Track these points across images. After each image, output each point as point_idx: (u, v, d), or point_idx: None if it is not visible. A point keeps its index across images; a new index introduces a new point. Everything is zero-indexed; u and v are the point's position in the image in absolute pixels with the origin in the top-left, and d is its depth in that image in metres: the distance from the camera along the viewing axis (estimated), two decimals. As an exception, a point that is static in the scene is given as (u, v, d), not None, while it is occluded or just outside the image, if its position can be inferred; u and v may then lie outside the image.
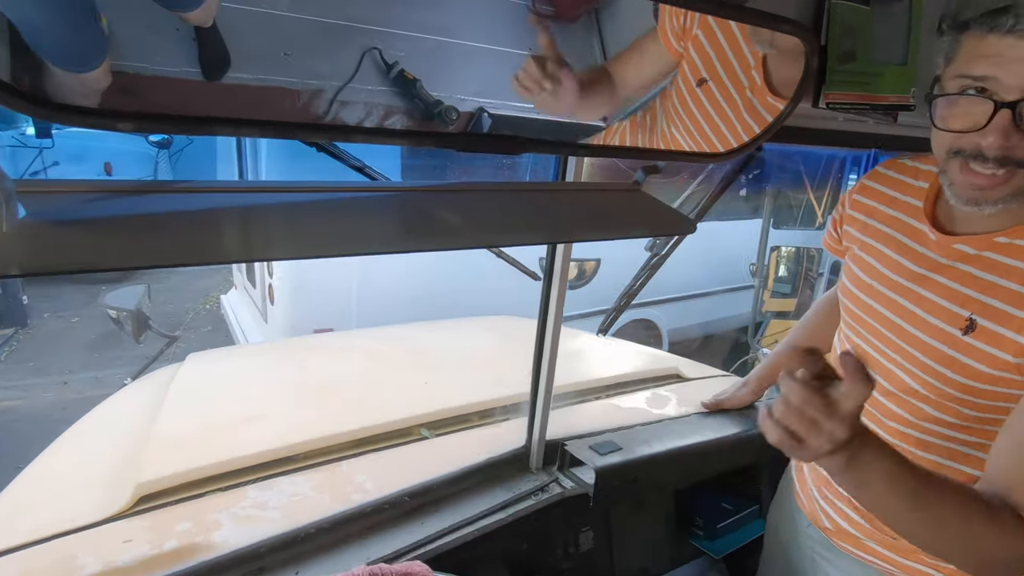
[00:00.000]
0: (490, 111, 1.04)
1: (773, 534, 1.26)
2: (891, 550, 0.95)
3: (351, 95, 0.98)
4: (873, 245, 0.98)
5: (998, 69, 0.68)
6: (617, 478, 1.16)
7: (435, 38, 1.01)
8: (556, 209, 0.89)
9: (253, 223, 0.66)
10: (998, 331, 0.78)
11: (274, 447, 1.30)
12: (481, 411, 1.51)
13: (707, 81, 0.83)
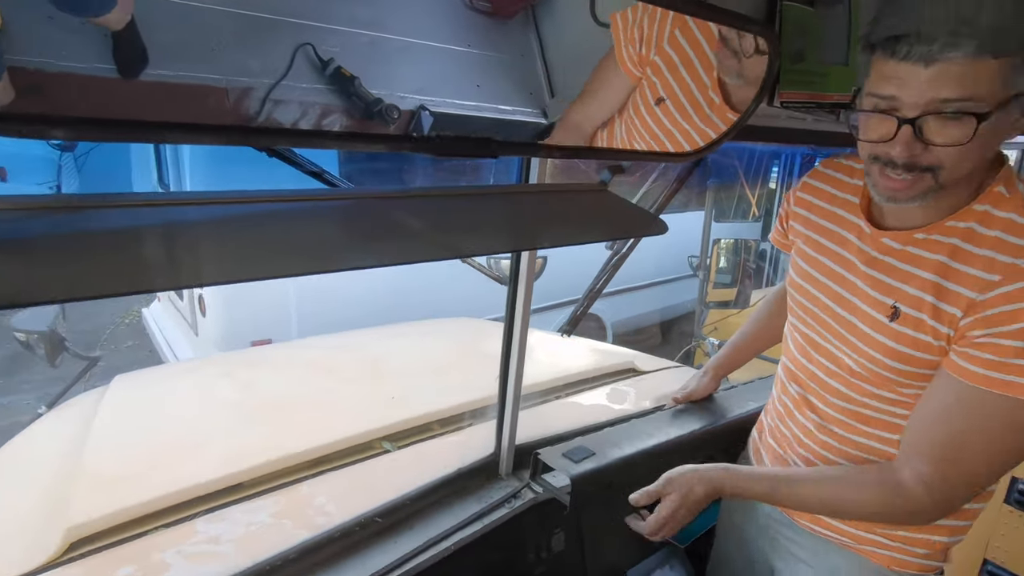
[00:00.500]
0: (431, 108, 1.01)
1: (728, 514, 1.31)
2: (842, 521, 1.02)
3: (285, 93, 0.92)
4: (816, 239, 1.04)
5: (899, 90, 0.75)
6: (592, 485, 1.15)
7: (369, 33, 0.96)
8: (523, 213, 0.87)
9: (182, 243, 0.56)
10: (918, 316, 0.86)
11: (221, 474, 1.21)
12: (444, 419, 1.46)
13: (664, 100, 0.86)
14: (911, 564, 0.99)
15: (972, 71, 0.70)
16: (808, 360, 1.04)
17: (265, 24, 0.89)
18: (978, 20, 0.68)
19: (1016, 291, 0.78)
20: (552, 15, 1.04)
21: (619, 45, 0.91)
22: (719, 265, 2.84)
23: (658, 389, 1.66)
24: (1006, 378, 0.78)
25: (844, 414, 0.98)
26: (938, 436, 0.85)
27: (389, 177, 3.33)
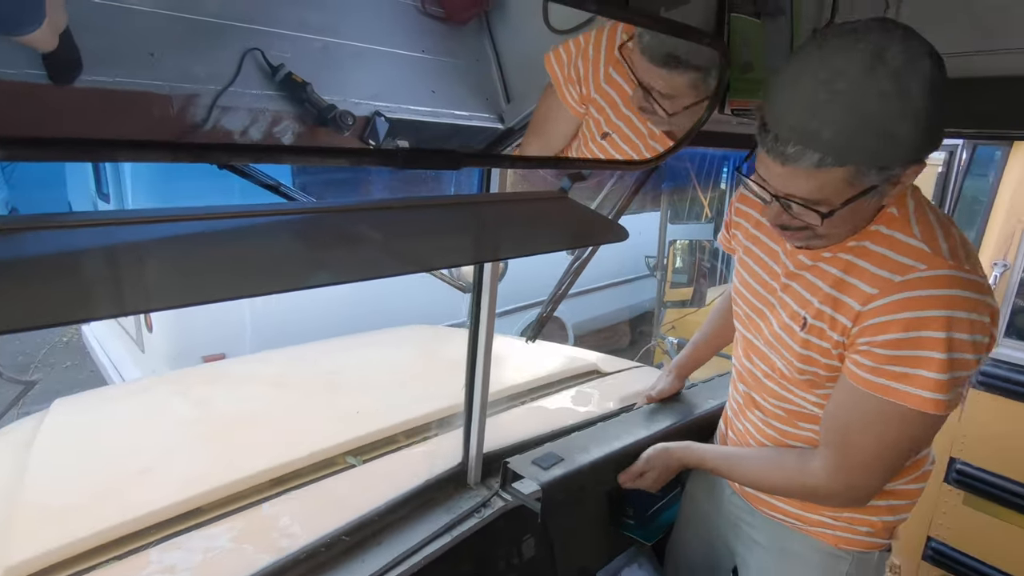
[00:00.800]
0: (387, 114, 1.00)
1: (690, 501, 1.38)
2: (795, 506, 1.10)
3: (233, 100, 0.89)
4: (752, 250, 1.11)
5: (766, 174, 0.81)
6: (563, 491, 1.16)
7: (321, 38, 0.95)
8: (486, 223, 0.87)
9: (126, 266, 0.53)
10: (820, 326, 0.93)
11: (176, 499, 1.15)
12: (409, 430, 1.45)
13: (609, 134, 0.89)
14: (856, 542, 1.07)
15: (817, 178, 0.75)
16: (750, 362, 1.12)
17: (209, 28, 0.86)
18: (820, 135, 0.72)
19: (888, 304, 0.84)
20: (506, 21, 1.04)
21: (559, 85, 0.95)
22: (675, 265, 2.92)
23: (622, 390, 1.69)
24: (881, 382, 0.85)
25: (782, 411, 1.06)
26: (835, 428, 0.95)
27: (345, 187, 3.26)
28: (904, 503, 1.06)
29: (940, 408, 0.83)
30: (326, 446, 1.35)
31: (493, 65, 1.06)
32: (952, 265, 0.82)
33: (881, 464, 0.93)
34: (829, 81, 0.71)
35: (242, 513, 1.14)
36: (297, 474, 1.27)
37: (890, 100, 0.70)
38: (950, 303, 0.80)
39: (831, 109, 0.71)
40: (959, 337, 0.80)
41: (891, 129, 0.72)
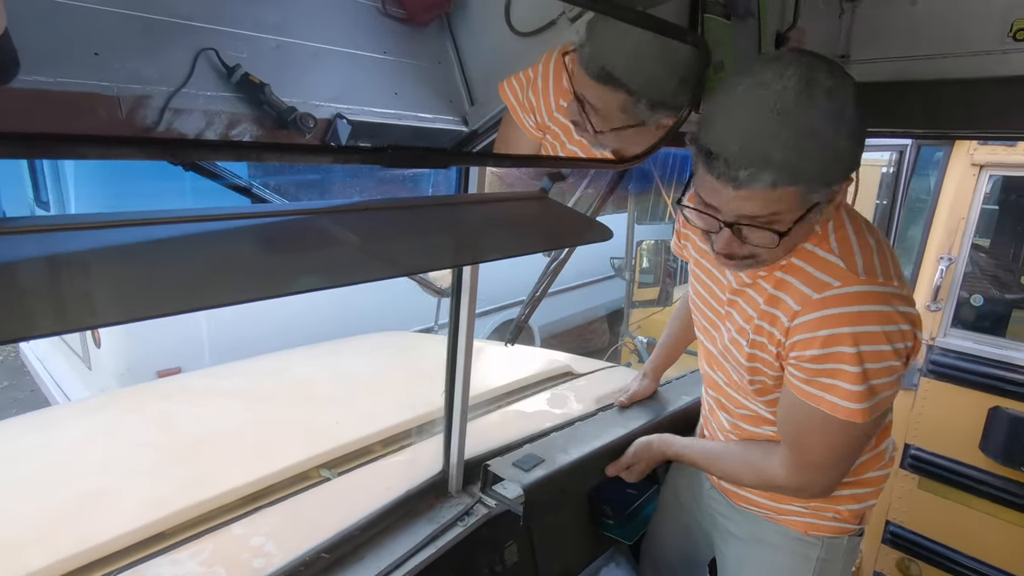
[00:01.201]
0: (348, 117, 0.98)
1: (672, 494, 1.40)
2: (767, 498, 1.15)
3: (187, 102, 0.86)
4: (701, 262, 1.13)
5: (717, 202, 0.81)
6: (545, 492, 1.15)
7: (277, 38, 0.92)
8: (466, 225, 0.85)
9: (70, 277, 0.48)
10: (761, 340, 0.98)
11: (137, 525, 1.09)
12: (385, 439, 1.41)
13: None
14: (824, 527, 1.12)
15: (772, 196, 0.77)
16: (711, 369, 1.16)
17: (158, 27, 0.82)
18: (772, 157, 0.73)
19: (808, 322, 0.89)
20: (467, 23, 1.03)
21: (515, 113, 0.96)
22: (642, 266, 2.96)
23: (596, 390, 1.69)
24: (812, 391, 0.91)
25: (746, 410, 1.11)
26: (786, 431, 1.01)
27: (311, 190, 3.16)
28: (868, 491, 1.11)
29: (859, 416, 0.88)
30: (299, 460, 1.30)
31: (456, 67, 1.05)
32: (864, 281, 0.87)
33: (831, 463, 0.98)
34: (772, 105, 0.73)
35: (211, 535, 1.08)
36: (269, 491, 1.22)
37: (831, 119, 0.74)
38: (860, 319, 0.85)
39: (779, 131, 0.73)
40: (870, 350, 0.85)
41: (835, 146, 0.75)
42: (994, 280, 2.62)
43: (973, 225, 2.41)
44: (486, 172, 0.95)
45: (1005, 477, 2.27)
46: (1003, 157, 2.31)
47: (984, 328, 2.51)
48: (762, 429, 1.10)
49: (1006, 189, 2.76)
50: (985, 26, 1.24)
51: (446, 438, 1.15)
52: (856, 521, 1.13)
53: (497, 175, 1.05)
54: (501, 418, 1.52)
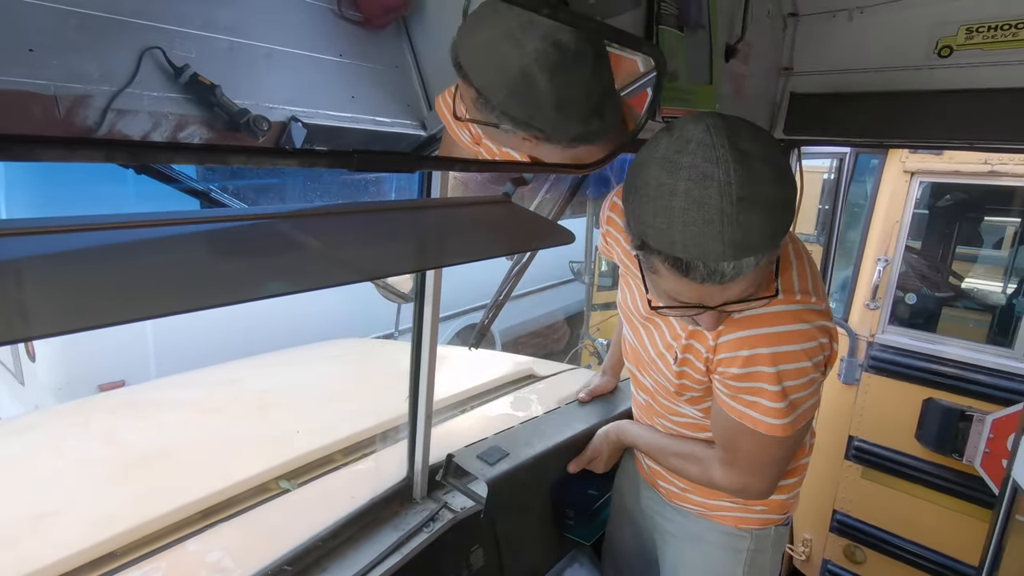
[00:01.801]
0: (303, 120, 0.97)
1: (619, 497, 1.44)
2: (700, 495, 1.19)
3: (131, 102, 0.83)
4: (629, 270, 1.14)
5: (702, 299, 0.80)
6: (509, 485, 1.16)
7: (229, 38, 0.90)
8: (427, 229, 0.85)
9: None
10: (687, 357, 1.01)
11: (83, 545, 1.03)
12: (346, 448, 1.38)
13: None
14: (752, 520, 1.17)
15: (755, 274, 0.76)
16: (641, 374, 1.19)
17: (99, 23, 0.79)
18: (751, 242, 0.71)
19: (730, 342, 0.93)
20: (425, 27, 1.03)
21: (451, 128, 0.96)
22: (601, 269, 3.01)
23: (559, 392, 1.71)
24: (736, 407, 0.95)
25: (677, 415, 1.15)
26: (719, 437, 1.05)
27: (270, 194, 3.06)
28: (792, 481, 1.17)
29: (780, 431, 0.92)
30: (256, 472, 1.26)
31: (413, 71, 1.05)
32: (782, 300, 0.90)
33: (764, 467, 1.02)
34: (727, 196, 0.69)
35: (164, 553, 1.04)
36: (225, 505, 1.18)
37: (776, 179, 0.72)
38: (778, 339, 0.89)
39: (748, 217, 0.70)
40: (789, 368, 0.89)
41: (788, 198, 0.74)
42: (925, 280, 2.81)
43: (906, 228, 2.56)
44: (449, 177, 0.95)
45: (939, 464, 2.43)
46: (932, 164, 2.48)
47: (918, 325, 2.67)
48: (697, 433, 1.14)
49: (935, 194, 2.96)
50: (914, 44, 1.33)
51: (410, 444, 1.14)
52: (782, 511, 1.18)
53: (460, 180, 1.05)
54: (465, 422, 1.52)
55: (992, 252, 3.33)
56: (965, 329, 2.82)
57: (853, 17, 1.42)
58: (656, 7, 0.92)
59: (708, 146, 0.70)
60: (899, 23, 1.34)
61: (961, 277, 3.04)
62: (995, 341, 2.53)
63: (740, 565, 1.18)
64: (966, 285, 3.04)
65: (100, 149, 0.38)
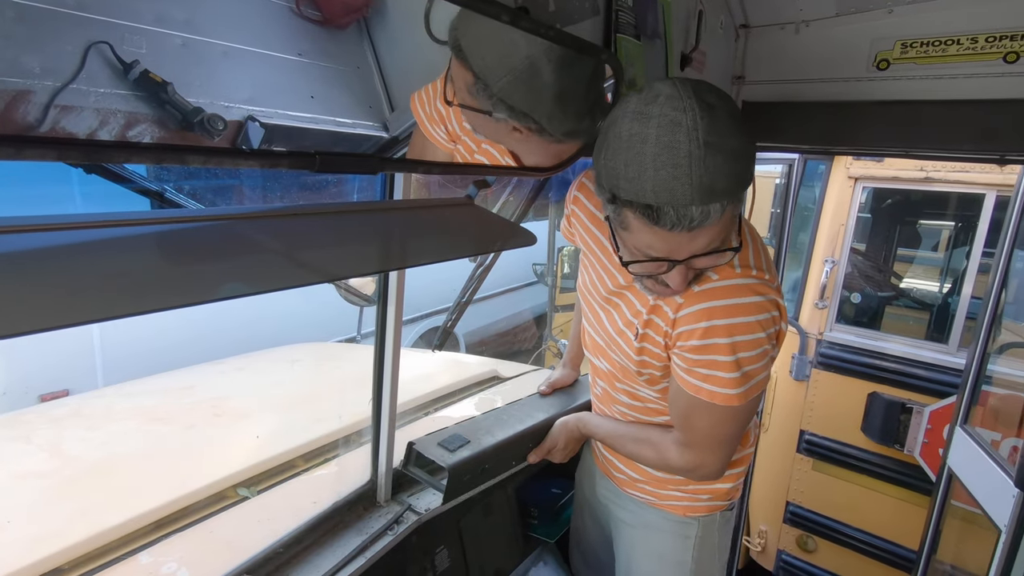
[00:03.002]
0: (261, 119, 0.95)
1: (579, 489, 1.47)
2: (651, 484, 1.23)
3: (76, 99, 0.81)
4: (587, 254, 1.17)
5: (671, 251, 0.82)
6: (467, 472, 1.16)
7: (182, 35, 0.88)
8: (390, 231, 0.85)
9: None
10: (647, 332, 1.04)
11: (25, 563, 0.98)
12: (307, 453, 1.36)
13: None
14: (700, 508, 1.22)
15: (719, 225, 0.79)
16: (600, 359, 1.21)
17: (40, 16, 0.76)
18: (717, 187, 0.74)
19: (690, 314, 0.96)
20: (386, 28, 1.03)
21: (423, 125, 0.95)
22: (564, 271, 3.05)
23: (523, 392, 1.72)
24: (692, 381, 0.99)
25: (635, 403, 1.18)
26: (675, 415, 1.09)
27: (223, 195, 2.97)
28: (737, 470, 1.22)
29: (736, 401, 0.96)
30: (212, 480, 1.23)
31: (375, 72, 1.05)
32: (739, 274, 0.94)
33: (717, 443, 1.06)
34: (694, 141, 0.72)
35: (115, 566, 1.00)
36: (179, 515, 1.14)
37: (738, 131, 0.76)
38: (735, 311, 0.93)
39: (712, 161, 0.73)
40: (743, 339, 0.93)
41: (748, 152, 0.78)
42: (869, 280, 2.95)
43: (851, 231, 2.69)
44: (411, 179, 0.95)
45: (882, 455, 2.56)
46: (874, 171, 2.61)
47: (862, 323, 2.81)
48: (653, 417, 1.17)
49: (877, 199, 3.12)
50: (855, 56, 1.41)
51: (374, 447, 1.14)
52: (726, 498, 1.24)
53: (422, 182, 1.05)
54: (430, 424, 1.52)
55: (930, 254, 3.54)
56: (906, 326, 2.98)
57: (800, 30, 1.49)
58: (614, 16, 0.95)
59: (676, 98, 0.74)
60: (842, 36, 1.41)
61: (902, 277, 3.21)
62: (932, 337, 2.68)
63: (689, 550, 1.23)
64: (906, 285, 3.22)
65: (52, 148, 0.37)
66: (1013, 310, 2.49)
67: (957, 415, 1.88)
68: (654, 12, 1.11)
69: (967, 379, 1.89)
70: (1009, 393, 2.02)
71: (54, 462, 1.34)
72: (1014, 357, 2.13)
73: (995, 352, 2.00)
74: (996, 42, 1.23)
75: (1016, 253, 1.94)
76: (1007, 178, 2.40)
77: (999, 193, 2.46)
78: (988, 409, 1.99)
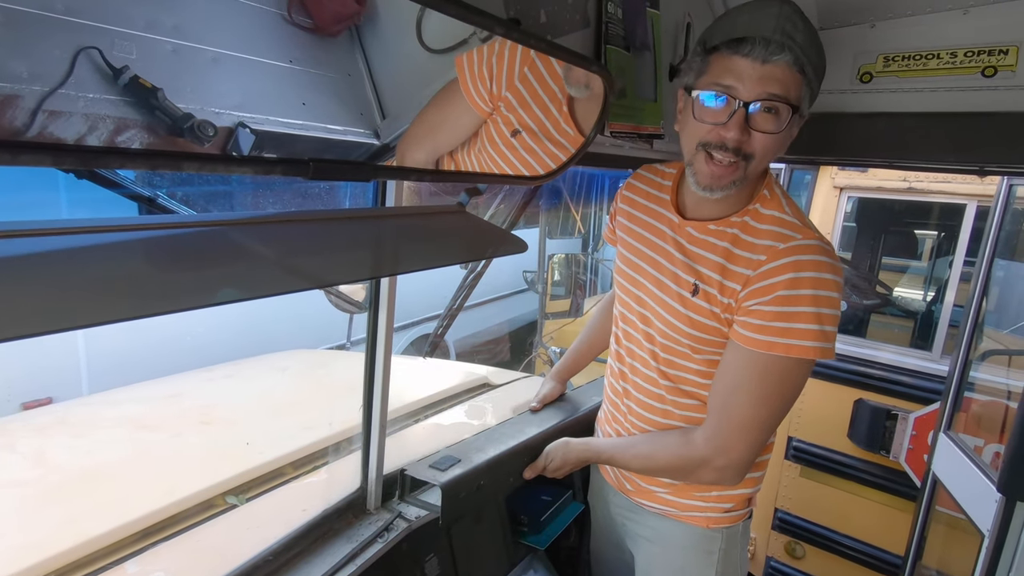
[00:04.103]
0: (252, 126, 0.96)
1: (593, 511, 1.46)
2: (670, 494, 1.20)
3: (64, 104, 0.81)
4: (635, 230, 1.22)
5: (737, 81, 0.93)
6: (463, 489, 1.16)
7: (173, 41, 0.89)
8: (382, 237, 0.85)
9: None
10: (710, 291, 1.05)
11: (12, 571, 0.97)
12: (297, 460, 1.35)
13: (520, 132, 0.92)
14: (723, 519, 1.20)
15: (789, 77, 0.92)
16: (633, 343, 1.20)
17: (27, 20, 0.76)
18: (795, 38, 0.90)
19: (773, 268, 0.99)
20: (378, 36, 1.04)
21: (466, 84, 0.96)
22: (554, 279, 3.07)
23: (512, 399, 1.73)
24: (765, 338, 0.99)
25: (664, 387, 1.16)
26: (719, 391, 1.07)
27: (215, 202, 2.96)
28: (758, 475, 1.21)
29: (812, 354, 0.97)
30: (200, 488, 1.22)
31: (366, 79, 1.05)
32: (817, 236, 1.01)
33: (754, 421, 1.03)
34: (787, 5, 0.91)
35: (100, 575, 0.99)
36: (167, 523, 1.13)
37: (816, 33, 0.94)
38: (819, 267, 0.97)
39: (797, 21, 0.91)
40: (824, 295, 0.97)
41: (820, 49, 0.95)
42: (855, 288, 3.00)
43: (837, 239, 2.73)
44: (403, 186, 0.96)
45: (868, 461, 2.58)
46: (858, 181, 2.66)
47: (849, 330, 2.85)
48: (676, 409, 1.15)
49: (861, 209, 3.17)
50: (840, 69, 1.44)
51: (364, 454, 1.13)
52: (746, 505, 1.22)
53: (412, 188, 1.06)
54: (420, 431, 1.51)
55: (914, 262, 3.60)
56: (891, 334, 3.02)
57: (785, 42, 1.52)
58: (604, 28, 0.96)
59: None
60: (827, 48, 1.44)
61: (887, 286, 3.26)
62: (917, 345, 2.73)
63: (712, 566, 1.20)
64: (892, 293, 3.26)
65: (47, 153, 0.37)
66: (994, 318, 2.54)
67: (941, 421, 1.91)
68: (643, 24, 1.13)
69: (950, 386, 1.92)
70: (991, 399, 2.06)
71: (36, 471, 1.32)
72: (995, 364, 2.17)
73: (977, 359, 2.04)
74: (974, 57, 1.27)
75: (996, 262, 1.98)
76: (987, 188, 2.46)
77: (979, 203, 2.51)
78: (971, 415, 2.02)
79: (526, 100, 0.93)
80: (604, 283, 4.93)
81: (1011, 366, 2.21)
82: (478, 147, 0.97)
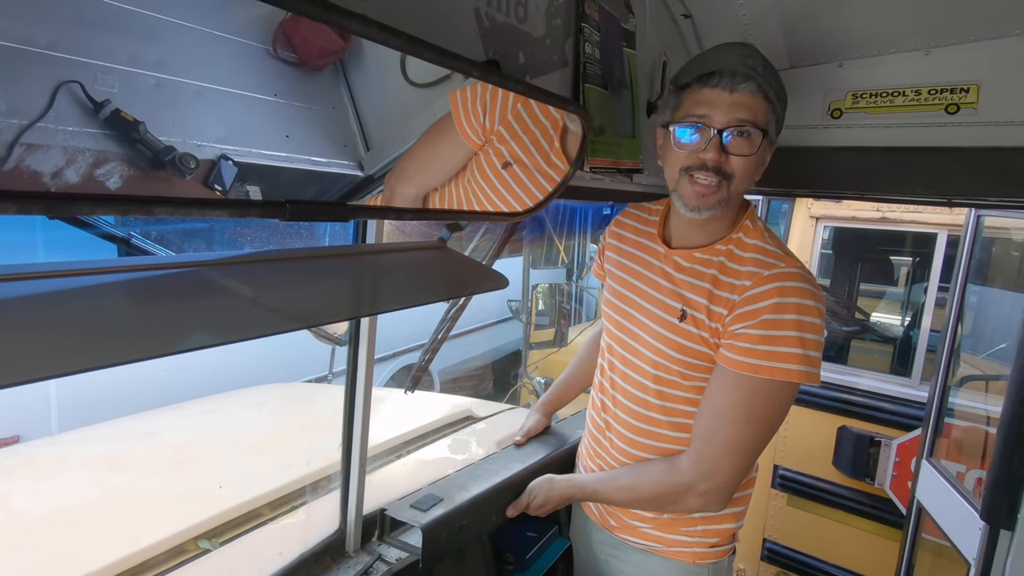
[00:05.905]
0: (235, 158, 0.95)
1: (575, 549, 1.43)
2: (655, 528, 1.20)
3: (43, 137, 0.80)
4: (623, 262, 1.26)
5: (711, 110, 1.01)
6: (444, 530, 1.13)
7: (155, 75, 0.89)
8: (362, 275, 0.85)
9: None
10: (698, 317, 1.08)
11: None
12: (274, 501, 1.31)
13: (511, 164, 0.94)
14: (709, 555, 1.19)
15: (755, 103, 1.00)
16: (623, 366, 1.21)
17: (8, 54, 0.76)
18: (757, 69, 0.99)
19: (759, 292, 1.03)
20: (362, 70, 1.05)
21: (459, 119, 0.98)
22: (538, 308, 3.07)
23: (497, 433, 1.71)
24: (751, 361, 1.01)
25: (651, 414, 1.17)
26: (704, 416, 1.08)
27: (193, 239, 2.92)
28: (740, 509, 1.21)
29: (796, 377, 0.99)
30: (171, 533, 1.17)
31: (351, 113, 1.06)
32: (799, 265, 1.05)
33: (740, 446, 1.04)
34: (746, 45, 1.04)
35: (61, 631, 0.94)
36: (136, 571, 1.08)
37: (777, 73, 1.04)
38: (802, 294, 1.01)
39: (755, 57, 1.01)
40: (807, 320, 1.00)
41: (780, 84, 1.04)
42: (835, 315, 3.04)
43: (816, 267, 2.78)
44: (384, 223, 0.96)
45: (854, 488, 2.58)
46: (833, 211, 2.73)
47: (829, 357, 2.88)
48: (658, 442, 1.16)
49: (838, 237, 3.24)
50: (812, 106, 1.49)
51: (343, 493, 1.10)
52: (731, 540, 1.22)
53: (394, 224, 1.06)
54: (401, 468, 1.48)
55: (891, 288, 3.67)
56: (871, 360, 3.06)
57: (758, 80, 1.57)
58: (582, 68, 0.99)
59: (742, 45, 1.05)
60: (799, 85, 1.49)
61: (866, 312, 3.32)
62: (896, 371, 2.76)
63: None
64: (870, 319, 3.32)
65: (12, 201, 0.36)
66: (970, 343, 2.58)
67: (923, 448, 1.92)
68: (620, 63, 1.16)
69: (930, 413, 1.94)
70: (971, 425, 2.08)
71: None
72: (973, 390, 2.19)
73: (955, 385, 2.07)
74: (938, 95, 1.32)
75: (969, 287, 2.03)
76: (957, 218, 2.53)
77: (950, 232, 2.58)
78: (952, 441, 2.04)
79: (518, 133, 0.96)
80: (588, 312, 4.94)
81: (988, 391, 2.24)
82: (467, 179, 0.99)
